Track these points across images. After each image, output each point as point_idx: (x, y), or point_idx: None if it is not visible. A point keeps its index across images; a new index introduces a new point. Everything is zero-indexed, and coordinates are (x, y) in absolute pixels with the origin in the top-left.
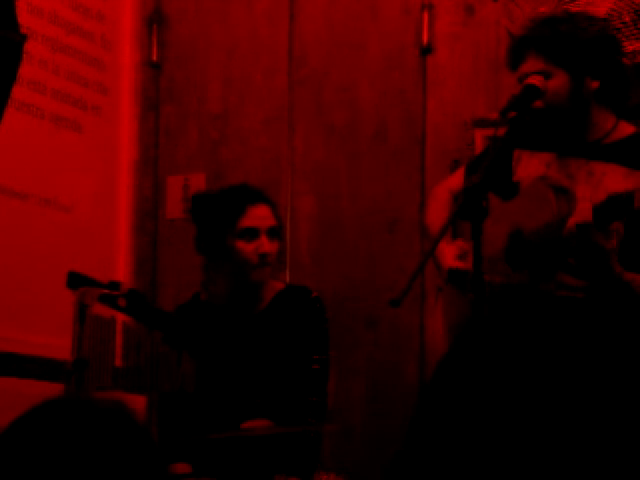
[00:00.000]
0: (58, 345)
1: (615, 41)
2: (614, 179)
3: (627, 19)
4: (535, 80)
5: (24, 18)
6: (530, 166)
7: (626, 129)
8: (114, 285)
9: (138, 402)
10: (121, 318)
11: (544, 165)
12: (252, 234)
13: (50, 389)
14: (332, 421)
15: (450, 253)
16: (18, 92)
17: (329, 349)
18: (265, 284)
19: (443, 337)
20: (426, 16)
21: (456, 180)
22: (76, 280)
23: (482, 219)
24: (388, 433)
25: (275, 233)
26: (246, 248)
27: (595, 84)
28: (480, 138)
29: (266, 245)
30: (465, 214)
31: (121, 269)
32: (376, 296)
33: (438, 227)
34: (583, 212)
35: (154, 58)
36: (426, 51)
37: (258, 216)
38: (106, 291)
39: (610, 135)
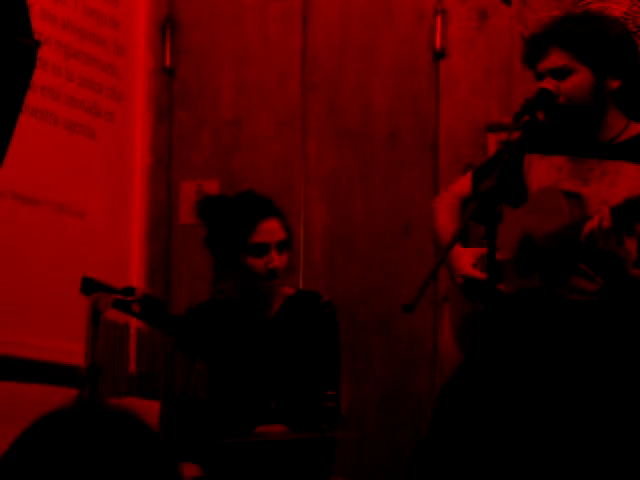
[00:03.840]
0: (72, 350)
1: (635, 43)
2: (628, 177)
3: None
4: (549, 84)
5: (38, 24)
6: (541, 170)
7: (636, 128)
8: (128, 291)
9: (152, 407)
10: (135, 324)
11: (555, 169)
12: (262, 250)
13: (64, 394)
14: (346, 426)
15: (467, 259)
16: (32, 98)
17: (340, 353)
18: (275, 291)
19: (452, 345)
20: (439, 21)
21: (461, 186)
22: (90, 286)
23: (496, 223)
24: (401, 438)
25: (284, 246)
26: (256, 263)
27: (615, 83)
28: (493, 142)
29: (276, 260)
30: (479, 218)
31: (134, 274)
32: (389, 301)
33: (449, 232)
34: (601, 215)
35: (167, 64)
36: (439, 56)
37: (268, 231)
38: (120, 297)
39: (621, 135)
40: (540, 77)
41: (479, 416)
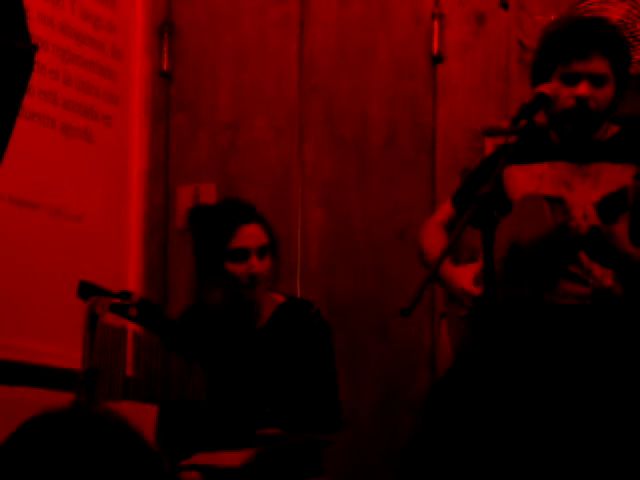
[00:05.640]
0: (69, 355)
1: None
2: (610, 178)
3: (638, 27)
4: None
5: (35, 28)
6: (522, 180)
7: (613, 129)
8: (125, 295)
9: (149, 412)
10: (132, 328)
11: (537, 177)
12: (242, 255)
13: (61, 399)
14: (342, 430)
15: (466, 278)
16: (29, 102)
17: (334, 360)
18: (263, 298)
19: (450, 359)
20: (437, 25)
21: (442, 213)
22: (87, 289)
23: (493, 227)
24: (399, 442)
25: (265, 251)
26: (237, 269)
27: (621, 96)
28: (490, 146)
29: (256, 266)
30: (476, 223)
31: (131, 278)
32: (386, 305)
33: (438, 247)
34: (584, 211)
35: (165, 67)
36: (436, 60)
37: (248, 236)
38: (117, 300)
39: (602, 137)
40: (572, 78)
41: (470, 419)
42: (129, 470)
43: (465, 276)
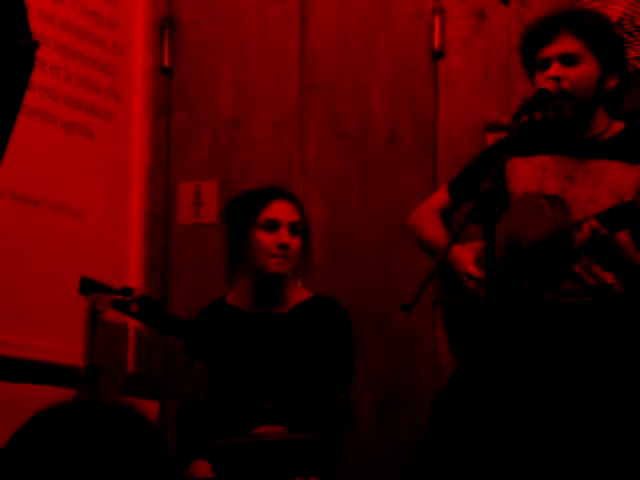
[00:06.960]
0: (70, 351)
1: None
2: (612, 175)
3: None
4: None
5: (36, 24)
6: (525, 172)
7: (618, 126)
8: (126, 291)
9: (150, 408)
10: (133, 324)
11: (540, 169)
12: (273, 226)
13: (63, 395)
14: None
15: (469, 258)
16: (30, 98)
17: (354, 359)
18: (289, 285)
19: (446, 348)
20: (437, 21)
21: (438, 199)
22: (88, 286)
23: (494, 223)
24: (399, 438)
25: (297, 229)
26: (266, 239)
27: (614, 82)
28: (492, 142)
29: (285, 237)
30: (477, 219)
31: (132, 275)
32: (388, 301)
33: (441, 236)
34: (590, 224)
35: (166, 64)
36: (437, 56)
37: (280, 209)
38: (118, 297)
39: (605, 133)
40: (545, 64)
41: (477, 421)
42: (138, 459)
43: (467, 257)
